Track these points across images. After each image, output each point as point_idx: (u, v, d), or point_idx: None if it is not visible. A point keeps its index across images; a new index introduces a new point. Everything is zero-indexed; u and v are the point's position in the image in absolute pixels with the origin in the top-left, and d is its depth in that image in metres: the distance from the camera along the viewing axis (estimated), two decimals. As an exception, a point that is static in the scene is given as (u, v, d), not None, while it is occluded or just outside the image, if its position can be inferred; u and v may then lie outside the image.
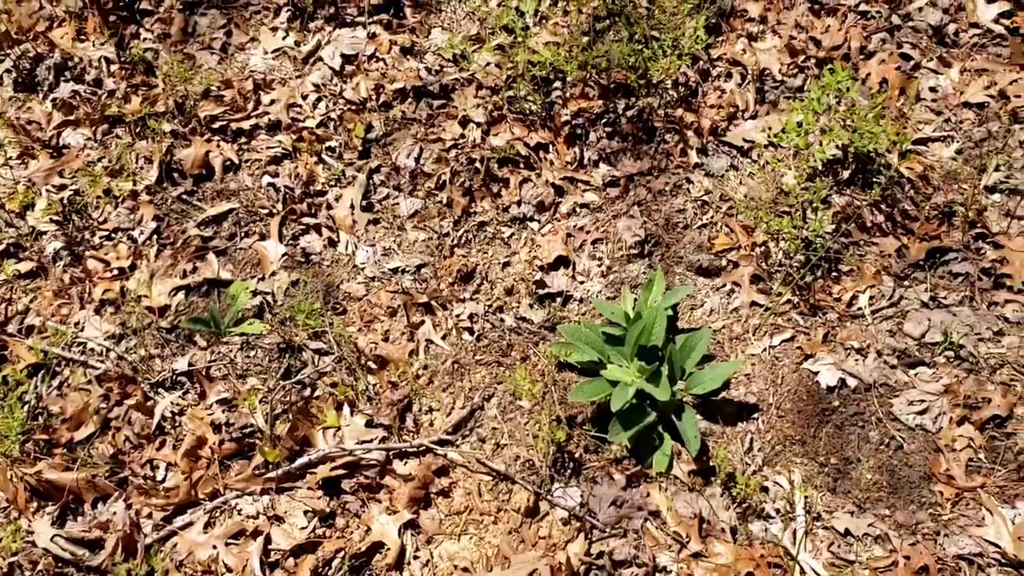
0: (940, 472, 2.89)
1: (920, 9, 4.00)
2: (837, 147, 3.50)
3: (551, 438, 2.85)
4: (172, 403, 3.06)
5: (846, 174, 3.53)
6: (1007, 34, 3.92)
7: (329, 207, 3.59)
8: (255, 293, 3.35)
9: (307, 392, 3.10)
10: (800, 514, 2.80)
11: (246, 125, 3.76)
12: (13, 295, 3.32)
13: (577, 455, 2.95)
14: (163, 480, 2.92)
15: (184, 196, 3.59)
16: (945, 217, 3.42)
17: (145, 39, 4.06)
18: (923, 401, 3.03)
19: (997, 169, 3.53)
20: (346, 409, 3.05)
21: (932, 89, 3.80)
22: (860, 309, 3.26)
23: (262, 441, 2.95)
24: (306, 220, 3.55)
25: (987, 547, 2.71)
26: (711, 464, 2.88)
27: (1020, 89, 3.73)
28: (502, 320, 3.31)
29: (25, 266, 3.37)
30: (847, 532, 2.78)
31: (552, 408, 2.98)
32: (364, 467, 2.93)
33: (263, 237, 3.51)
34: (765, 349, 3.20)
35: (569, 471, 2.92)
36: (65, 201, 3.52)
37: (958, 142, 3.63)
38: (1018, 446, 2.90)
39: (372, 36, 4.03)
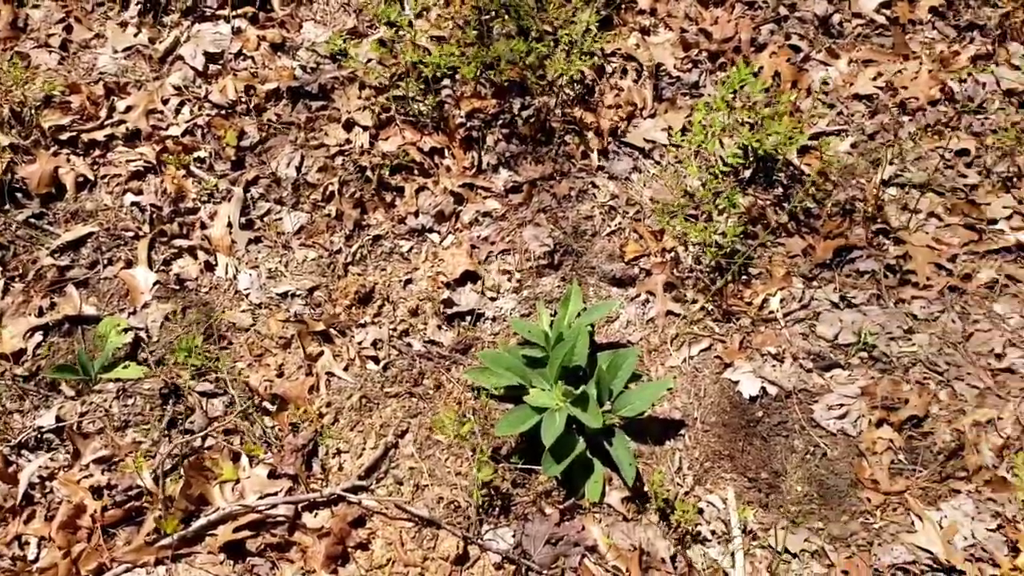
0: (866, 478, 2.87)
1: (804, -1, 3.98)
2: (738, 146, 3.42)
3: (479, 477, 2.64)
4: (40, 467, 2.65)
5: (748, 173, 3.46)
6: (889, 24, 3.95)
7: (203, 226, 3.22)
8: (126, 330, 2.96)
9: (198, 442, 2.77)
10: (737, 535, 2.72)
11: (100, 136, 3.31)
12: None
13: (505, 490, 2.75)
14: (36, 559, 2.53)
15: (32, 220, 3.14)
16: (847, 214, 3.41)
17: (-33, 36, 3.52)
18: (842, 405, 3.01)
19: (891, 163, 3.55)
20: (244, 459, 2.74)
21: (824, 81, 3.78)
22: (772, 312, 3.21)
23: (152, 504, 2.60)
24: (178, 242, 3.17)
25: (920, 554, 2.71)
26: (645, 489, 2.76)
27: (905, 80, 3.77)
28: (409, 345, 3.06)
29: None
30: (785, 550, 2.72)
31: (476, 443, 2.77)
32: (271, 524, 2.63)
33: (130, 264, 3.11)
34: (685, 360, 3.10)
35: (498, 509, 2.72)
36: None
37: (852, 135, 3.63)
38: (937, 446, 2.92)
39: (237, 31, 3.64)
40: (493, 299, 3.17)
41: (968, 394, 3.01)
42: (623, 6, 3.85)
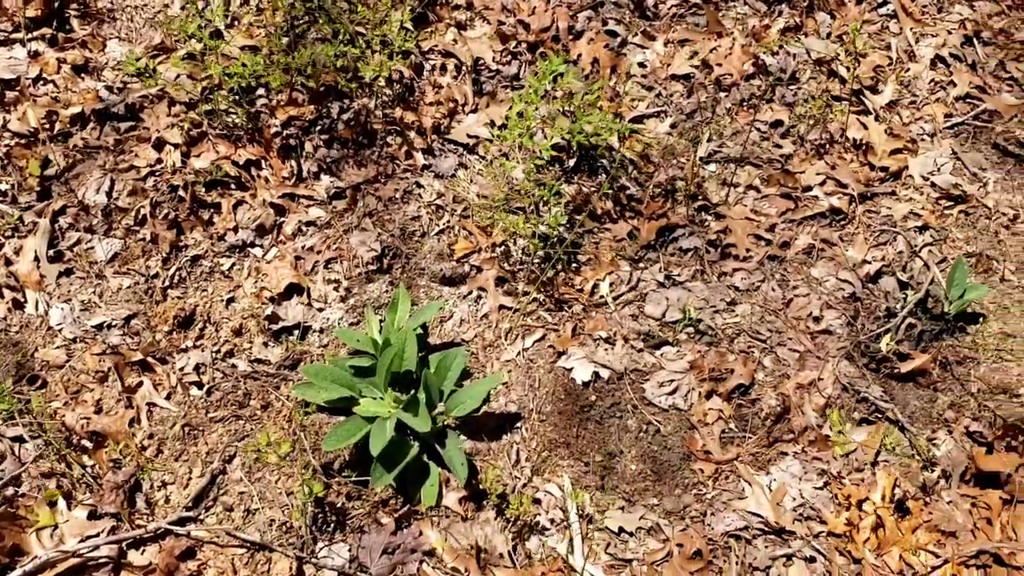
0: (698, 449, 2.94)
1: (620, -17, 4.03)
2: (560, 136, 3.45)
3: (308, 493, 2.59)
4: None
5: (572, 162, 3.49)
6: (702, 2, 4.04)
7: (8, 262, 3.06)
8: (-75, 380, 2.79)
9: (10, 491, 2.63)
10: (574, 520, 2.75)
11: None
12: None
13: (340, 505, 2.71)
14: None
15: None
16: (669, 194, 3.48)
17: None
18: (672, 381, 3.07)
19: (710, 139, 3.64)
20: (61, 503, 2.62)
21: (641, 64, 3.85)
22: (603, 297, 3.25)
23: (-42, 563, 2.46)
24: (-19, 282, 3.01)
25: (751, 519, 2.79)
26: (482, 487, 2.75)
27: (720, 57, 3.87)
28: (234, 366, 2.98)
29: None
30: (621, 530, 2.76)
31: (304, 459, 2.71)
32: (93, 567, 2.53)
33: (-73, 310, 2.94)
34: (519, 353, 3.11)
35: (333, 525, 2.68)
36: None
37: (671, 116, 3.70)
38: (764, 412, 3.01)
39: (35, 55, 3.46)
40: (321, 310, 3.12)
41: (790, 358, 3.12)
42: (438, 2, 3.82)
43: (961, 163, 3.66)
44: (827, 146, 3.64)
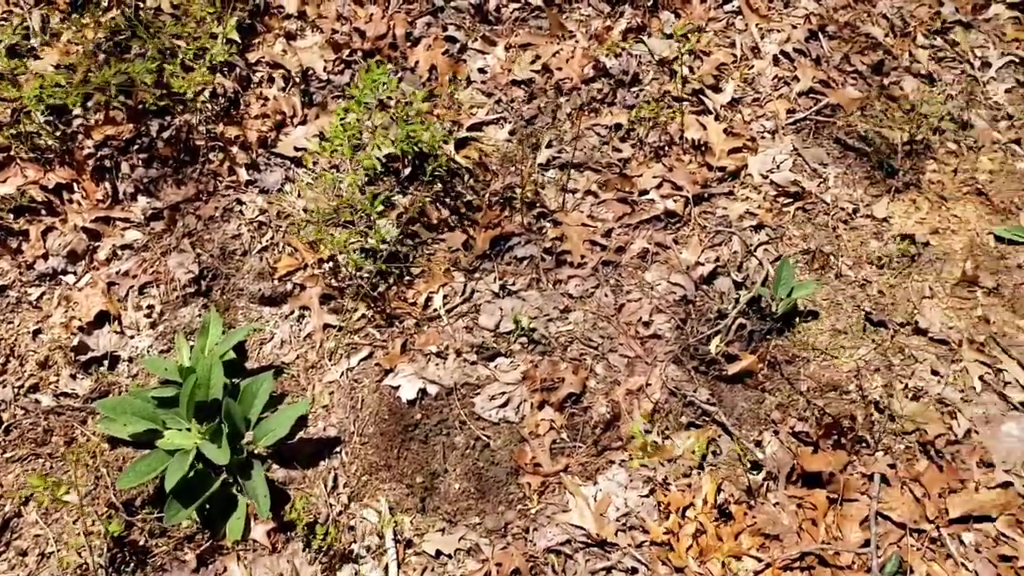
0: (527, 463, 2.88)
1: (460, -13, 3.96)
2: (390, 146, 3.36)
3: (104, 533, 2.47)
4: None
5: (407, 172, 3.41)
6: (544, 5, 3.99)
7: None
8: None
9: None
10: (390, 546, 2.67)
11: None
12: None
13: (142, 543, 2.59)
14: None
15: None
16: (506, 202, 3.41)
17: None
18: (504, 393, 3.01)
19: (549, 145, 3.58)
20: None
21: (481, 70, 3.78)
22: (436, 310, 3.18)
23: None
24: None
25: (574, 532, 2.74)
26: (288, 518, 2.66)
27: (561, 61, 3.82)
28: (37, 402, 2.84)
29: None
30: (439, 552, 2.69)
31: (107, 496, 2.59)
32: None
33: None
34: (343, 373, 3.02)
35: (133, 565, 2.56)
36: None
37: (511, 122, 3.64)
38: (594, 420, 2.97)
39: None
40: (132, 338, 2.99)
41: (621, 364, 3.08)
42: (268, 12, 3.71)
43: (802, 159, 3.66)
44: (666, 148, 3.61)
